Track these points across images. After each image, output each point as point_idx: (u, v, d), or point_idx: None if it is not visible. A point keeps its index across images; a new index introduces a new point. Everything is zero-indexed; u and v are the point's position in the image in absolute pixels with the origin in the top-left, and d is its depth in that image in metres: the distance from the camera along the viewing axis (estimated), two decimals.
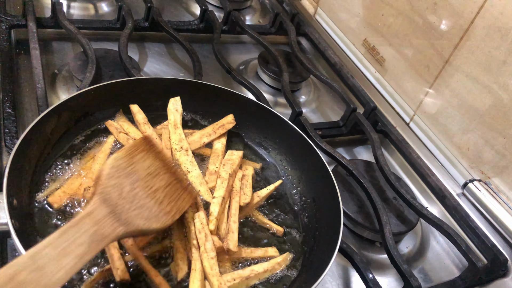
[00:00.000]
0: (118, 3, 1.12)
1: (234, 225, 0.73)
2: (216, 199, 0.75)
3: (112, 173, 0.58)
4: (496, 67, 0.96)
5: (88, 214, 0.52)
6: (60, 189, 0.71)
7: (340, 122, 1.11)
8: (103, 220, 0.53)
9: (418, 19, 1.13)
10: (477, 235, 0.88)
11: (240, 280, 0.68)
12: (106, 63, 1.01)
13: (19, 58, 0.99)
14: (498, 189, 0.99)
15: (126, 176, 0.60)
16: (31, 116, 0.88)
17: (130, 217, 0.57)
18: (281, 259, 0.73)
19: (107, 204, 0.55)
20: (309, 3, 1.53)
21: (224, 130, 0.88)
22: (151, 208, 0.60)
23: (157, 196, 0.62)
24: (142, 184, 0.61)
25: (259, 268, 0.70)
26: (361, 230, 0.89)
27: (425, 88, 1.13)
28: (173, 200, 0.65)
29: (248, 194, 0.79)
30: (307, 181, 0.86)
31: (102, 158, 0.77)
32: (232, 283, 0.67)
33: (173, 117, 0.86)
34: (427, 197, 1.04)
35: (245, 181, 0.82)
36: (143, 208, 0.59)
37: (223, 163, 0.82)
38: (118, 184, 0.58)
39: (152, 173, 0.64)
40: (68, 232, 0.49)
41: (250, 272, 0.69)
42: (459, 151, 1.07)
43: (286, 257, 0.74)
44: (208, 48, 1.21)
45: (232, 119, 0.90)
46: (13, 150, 0.64)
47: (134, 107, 0.86)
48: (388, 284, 0.84)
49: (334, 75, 1.26)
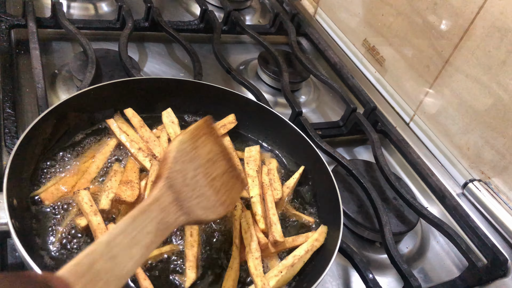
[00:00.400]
0: (118, 3, 1.12)
1: (275, 217, 0.74)
2: (255, 198, 0.76)
3: (178, 157, 0.55)
4: (496, 67, 0.96)
5: (155, 200, 0.50)
6: (54, 186, 0.71)
7: (340, 122, 1.11)
8: (168, 207, 0.51)
9: (418, 19, 1.13)
10: (477, 235, 0.88)
11: (287, 270, 0.68)
12: (106, 63, 1.01)
13: (19, 58, 0.99)
14: (498, 189, 0.99)
15: (190, 161, 0.57)
16: (31, 116, 0.88)
17: (192, 206, 0.54)
18: (318, 235, 0.74)
19: (173, 190, 0.52)
20: (309, 3, 1.53)
21: (226, 130, 0.89)
22: (210, 197, 0.58)
23: (215, 185, 0.60)
24: (203, 171, 0.58)
25: (300, 251, 0.71)
26: (361, 230, 0.89)
27: (425, 88, 1.13)
28: (228, 190, 0.62)
29: (279, 189, 0.81)
30: (307, 181, 0.86)
31: (101, 159, 0.77)
32: (280, 276, 0.67)
33: (172, 130, 0.85)
34: (427, 197, 1.04)
35: (272, 176, 0.83)
36: (203, 197, 0.57)
37: (246, 161, 0.83)
38: (183, 170, 0.55)
39: (212, 159, 0.61)
40: (138, 219, 0.46)
41: (294, 259, 0.70)
42: (459, 151, 1.07)
43: (323, 230, 0.75)
44: (208, 48, 1.21)
45: (233, 118, 0.90)
46: (13, 150, 0.64)
47: (129, 111, 0.85)
48: (388, 284, 0.84)
49: (334, 75, 1.26)
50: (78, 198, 0.69)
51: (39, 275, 0.47)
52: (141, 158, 0.78)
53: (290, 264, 0.69)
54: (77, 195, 0.69)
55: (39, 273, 0.53)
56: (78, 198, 0.69)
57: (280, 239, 0.71)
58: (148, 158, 0.78)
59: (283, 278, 0.68)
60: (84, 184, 0.73)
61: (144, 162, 0.77)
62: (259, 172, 0.82)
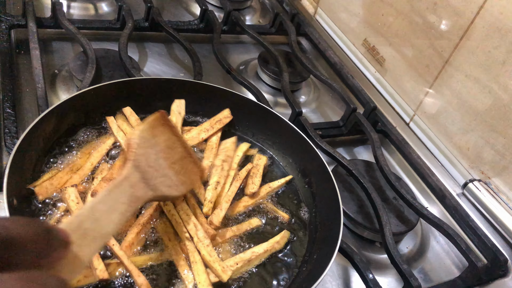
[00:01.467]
0: (118, 3, 1.12)
1: (225, 204, 0.75)
2: (212, 185, 0.77)
3: (141, 143, 0.63)
4: (496, 67, 0.96)
5: (125, 177, 0.59)
6: (48, 181, 0.71)
7: (340, 122, 1.11)
8: (137, 184, 0.59)
9: (418, 19, 1.13)
10: (477, 235, 0.88)
11: (243, 263, 0.69)
12: (106, 63, 1.01)
13: (19, 58, 0.99)
14: (498, 189, 0.99)
15: (151, 146, 0.65)
16: (31, 116, 0.88)
17: (157, 183, 0.63)
18: (279, 238, 0.74)
19: (138, 170, 0.61)
20: (309, 3, 1.53)
21: (222, 124, 0.89)
22: (171, 177, 0.66)
23: (175, 167, 0.67)
24: (164, 156, 0.66)
25: (259, 249, 0.72)
26: (361, 230, 0.89)
27: (425, 88, 1.13)
28: (187, 172, 0.70)
29: (256, 184, 0.81)
30: (306, 181, 0.86)
31: (96, 157, 0.77)
32: (235, 267, 0.68)
33: (175, 119, 0.86)
34: (427, 197, 1.04)
35: (256, 171, 0.84)
36: (165, 177, 0.65)
37: (218, 153, 0.84)
38: (145, 153, 0.63)
39: (170, 146, 0.69)
40: (112, 192, 0.55)
41: (251, 254, 0.71)
42: (459, 151, 1.07)
43: (285, 235, 0.76)
44: (208, 48, 1.21)
45: (228, 113, 0.90)
46: (13, 150, 0.64)
47: (127, 110, 0.85)
48: (388, 284, 0.84)
49: (334, 75, 1.26)
50: (65, 195, 0.69)
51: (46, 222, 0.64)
52: None
53: (248, 258, 0.70)
54: (64, 193, 0.69)
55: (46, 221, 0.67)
56: (65, 195, 0.69)
57: (216, 223, 0.72)
58: None
59: (238, 270, 0.68)
60: (75, 180, 0.73)
61: None
62: (226, 162, 0.82)
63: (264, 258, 0.72)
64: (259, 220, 0.78)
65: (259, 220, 0.78)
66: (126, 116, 0.85)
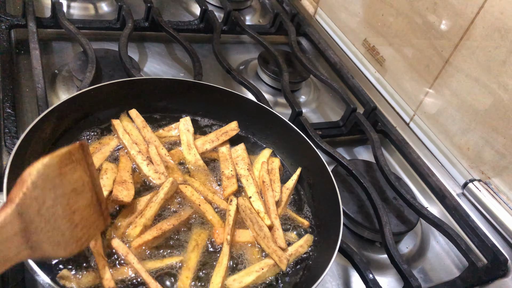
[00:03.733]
0: (118, 3, 1.12)
1: (277, 222, 0.75)
2: (254, 196, 0.77)
3: (39, 182, 0.48)
4: (496, 67, 0.96)
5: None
6: None
7: (340, 122, 1.11)
8: (11, 238, 0.45)
9: (418, 19, 1.13)
10: (477, 235, 0.88)
11: (268, 269, 0.70)
12: (106, 63, 1.02)
13: (19, 58, 0.99)
14: (498, 189, 0.99)
15: (51, 188, 0.50)
16: (31, 116, 0.88)
17: (40, 240, 0.49)
18: (303, 241, 0.75)
19: (23, 219, 0.46)
20: (309, 3, 1.53)
21: (227, 137, 0.88)
22: (64, 232, 0.53)
23: (74, 218, 0.54)
24: (65, 201, 0.52)
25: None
26: (361, 230, 0.89)
27: (425, 88, 1.13)
28: (87, 226, 0.57)
29: (278, 191, 0.81)
30: (307, 181, 0.86)
31: (99, 159, 0.77)
32: (261, 272, 0.69)
33: (186, 138, 0.85)
34: (427, 197, 1.04)
35: (273, 176, 0.84)
36: (56, 230, 0.51)
37: (235, 162, 0.84)
38: (40, 197, 0.48)
39: (77, 189, 0.55)
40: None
41: None
42: (459, 151, 1.07)
43: (308, 239, 0.76)
44: (208, 48, 1.21)
45: (236, 126, 0.90)
46: (13, 150, 0.64)
47: (132, 112, 0.85)
48: (388, 284, 0.84)
49: (334, 75, 1.26)
50: None
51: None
52: (139, 161, 0.78)
53: (272, 264, 0.70)
54: None
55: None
56: None
57: (284, 246, 0.72)
58: (146, 162, 0.78)
59: (263, 275, 0.69)
60: None
61: (141, 166, 0.78)
62: (250, 170, 0.82)
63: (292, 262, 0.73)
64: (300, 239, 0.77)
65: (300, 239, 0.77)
66: (132, 118, 0.85)
